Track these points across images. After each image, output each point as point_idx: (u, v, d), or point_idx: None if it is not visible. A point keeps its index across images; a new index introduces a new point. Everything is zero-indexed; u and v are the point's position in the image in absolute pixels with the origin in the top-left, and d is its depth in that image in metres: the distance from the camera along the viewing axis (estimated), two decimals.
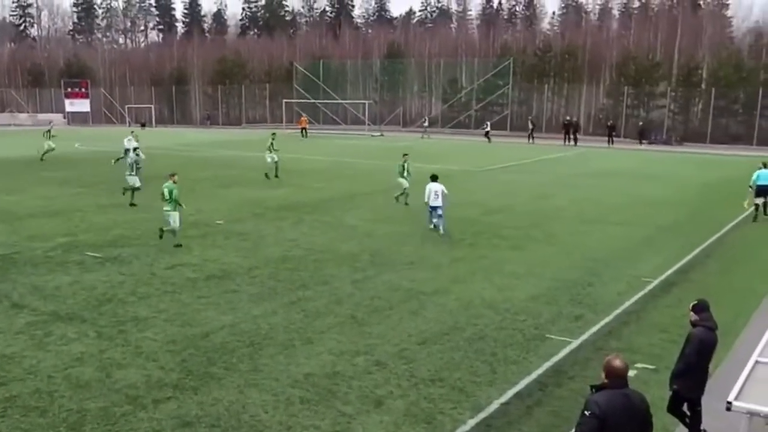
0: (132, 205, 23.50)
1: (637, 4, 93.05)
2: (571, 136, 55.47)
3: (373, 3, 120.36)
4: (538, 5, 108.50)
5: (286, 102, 74.68)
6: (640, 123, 59.65)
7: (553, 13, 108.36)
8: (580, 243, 18.76)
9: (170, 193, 17.41)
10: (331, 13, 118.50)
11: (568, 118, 59.49)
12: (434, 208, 19.61)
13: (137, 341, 11.03)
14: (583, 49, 71.89)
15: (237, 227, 20.12)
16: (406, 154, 25.64)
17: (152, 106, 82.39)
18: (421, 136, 61.43)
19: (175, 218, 17.53)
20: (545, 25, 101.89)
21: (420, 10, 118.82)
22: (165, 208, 17.60)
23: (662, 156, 47.22)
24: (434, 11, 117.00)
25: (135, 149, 27.07)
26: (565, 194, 27.76)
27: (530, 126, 59.33)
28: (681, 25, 68.97)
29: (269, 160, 31.30)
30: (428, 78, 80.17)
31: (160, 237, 17.95)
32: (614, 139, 55.51)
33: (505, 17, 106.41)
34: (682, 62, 65.60)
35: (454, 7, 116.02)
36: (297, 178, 31.79)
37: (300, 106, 76.76)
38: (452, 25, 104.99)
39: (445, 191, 19.61)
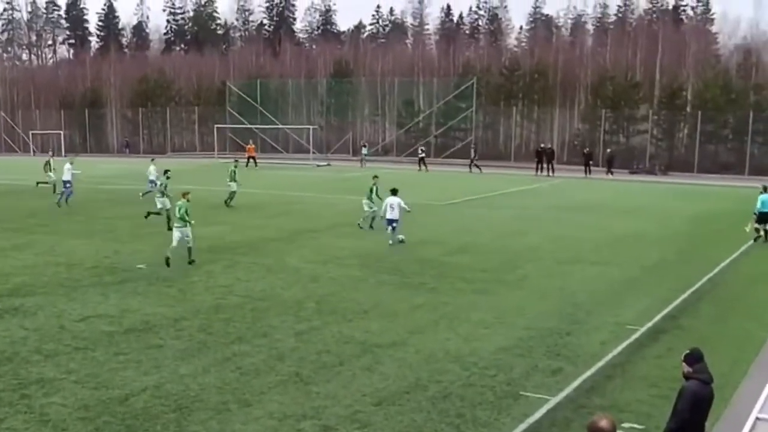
0: (170, 229, 24.43)
1: (613, 18, 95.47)
2: (545, 165, 56.21)
3: (317, 15, 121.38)
4: (503, 19, 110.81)
5: (218, 127, 74.25)
6: (608, 150, 60.10)
7: (521, 27, 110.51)
8: (556, 286, 18.93)
9: (185, 211, 20.84)
10: (269, 26, 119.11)
11: (542, 145, 60.16)
12: (389, 221, 24.14)
13: (42, 407, 10.72)
14: (554, 67, 73.40)
15: (161, 272, 19.87)
16: (375, 177, 28.60)
17: (62, 132, 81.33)
18: (360, 165, 61.70)
19: (188, 233, 20.81)
20: (512, 41, 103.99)
21: (371, 24, 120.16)
22: (175, 225, 21.01)
23: (645, 187, 48.15)
24: (387, 25, 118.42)
25: (166, 171, 30.09)
26: (538, 231, 28.09)
27: (472, 153, 59.88)
28: (662, 41, 71.00)
29: (235, 188, 34.15)
30: (381, 100, 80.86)
31: (167, 263, 20.40)
32: (592, 168, 56.42)
33: (467, 32, 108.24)
34: (665, 82, 67.34)
35: (409, 20, 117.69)
36: (231, 214, 31.69)
37: (234, 132, 76.52)
38: (408, 41, 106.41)
39: (402, 204, 24.40)
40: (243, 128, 75.49)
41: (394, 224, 24.08)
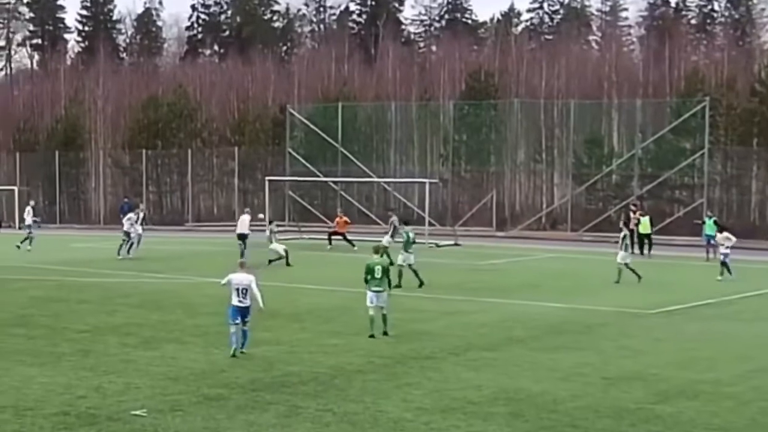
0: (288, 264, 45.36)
1: None
2: None
3: None
4: (755, 2, 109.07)
5: (271, 180, 73.76)
6: None
7: None
8: None
9: (383, 270, 29.32)
10: (359, 14, 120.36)
11: None
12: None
13: None
14: None
15: (173, 421, 19.86)
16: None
17: (15, 188, 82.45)
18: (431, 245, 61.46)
19: (384, 297, 29.44)
20: None
21: (529, 11, 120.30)
22: (376, 289, 29.36)
23: None
24: (557, 13, 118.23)
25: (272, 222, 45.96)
26: None
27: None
28: None
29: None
30: (546, 136, 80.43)
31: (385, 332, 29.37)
32: None
33: (692, 22, 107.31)
34: None
35: (594, 5, 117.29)
36: (284, 327, 31.79)
37: (297, 188, 76.59)
38: (593, 37, 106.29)
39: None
40: (313, 182, 75.91)
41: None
